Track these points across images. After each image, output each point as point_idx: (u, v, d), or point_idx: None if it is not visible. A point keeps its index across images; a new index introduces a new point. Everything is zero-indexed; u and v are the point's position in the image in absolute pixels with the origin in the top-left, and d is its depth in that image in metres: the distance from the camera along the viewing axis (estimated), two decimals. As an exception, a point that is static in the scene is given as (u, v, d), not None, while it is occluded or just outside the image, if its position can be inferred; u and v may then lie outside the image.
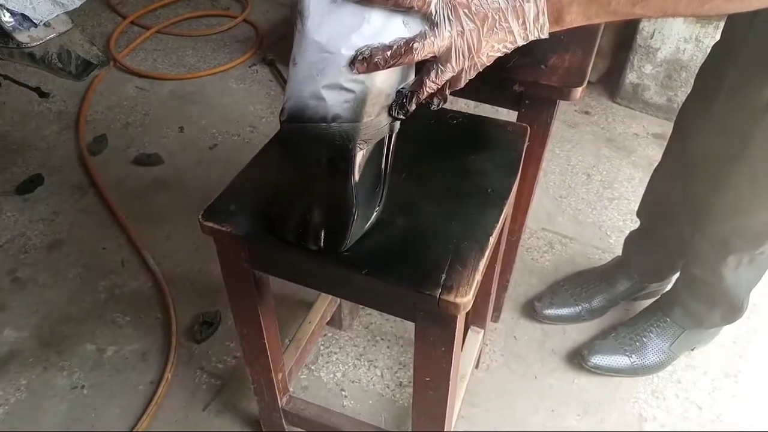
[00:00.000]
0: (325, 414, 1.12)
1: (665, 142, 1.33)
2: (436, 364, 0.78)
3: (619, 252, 1.51)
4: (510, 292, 1.44)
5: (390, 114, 0.64)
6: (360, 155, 0.65)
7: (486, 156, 0.86)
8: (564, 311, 1.45)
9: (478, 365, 1.36)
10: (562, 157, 1.97)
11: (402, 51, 0.58)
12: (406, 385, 1.34)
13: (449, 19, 0.58)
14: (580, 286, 1.47)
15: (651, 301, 1.43)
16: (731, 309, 1.28)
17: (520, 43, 0.61)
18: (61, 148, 1.94)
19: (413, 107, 0.64)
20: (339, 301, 1.33)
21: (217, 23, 2.62)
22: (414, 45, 0.57)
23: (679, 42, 1.98)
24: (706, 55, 1.18)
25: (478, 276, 0.70)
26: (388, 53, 0.57)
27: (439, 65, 0.61)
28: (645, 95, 2.14)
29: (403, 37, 0.58)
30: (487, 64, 0.62)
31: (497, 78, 0.93)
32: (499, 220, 0.77)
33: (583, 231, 1.72)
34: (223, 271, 0.85)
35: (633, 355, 1.34)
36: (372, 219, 0.74)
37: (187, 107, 2.14)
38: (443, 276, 0.68)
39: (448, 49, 0.59)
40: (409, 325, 1.16)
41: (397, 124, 0.67)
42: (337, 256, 0.71)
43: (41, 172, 1.82)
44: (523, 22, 0.59)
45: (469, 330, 1.24)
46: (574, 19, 0.60)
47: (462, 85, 0.65)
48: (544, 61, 0.96)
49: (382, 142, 0.67)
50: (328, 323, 1.36)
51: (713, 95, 1.10)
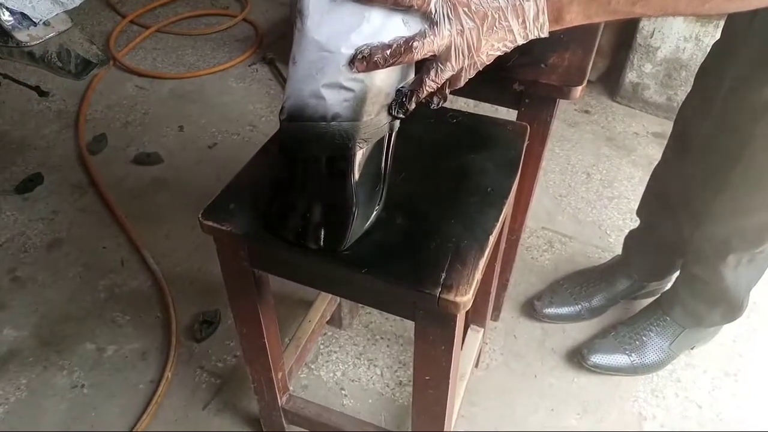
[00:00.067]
0: (325, 413, 1.12)
1: (665, 141, 1.33)
2: (435, 362, 0.78)
3: (618, 251, 1.51)
4: (510, 291, 1.44)
5: (390, 113, 0.64)
6: (360, 154, 0.65)
7: (486, 155, 0.86)
8: (564, 310, 1.45)
9: (477, 364, 1.36)
10: (562, 156, 1.97)
11: (402, 50, 0.57)
12: (406, 384, 1.34)
13: (449, 17, 0.58)
14: (579, 285, 1.47)
15: (651, 300, 1.43)
16: (731, 308, 1.29)
17: (520, 42, 0.61)
18: (61, 147, 1.94)
19: (413, 106, 0.64)
20: (339, 300, 1.34)
21: (216, 22, 2.62)
22: (414, 44, 0.57)
23: (679, 41, 1.98)
24: (706, 54, 1.18)
25: (478, 275, 0.70)
26: (388, 52, 0.57)
27: (439, 64, 0.61)
28: (645, 94, 2.14)
29: (403, 36, 0.58)
30: (487, 63, 0.62)
31: (497, 77, 0.93)
32: (499, 219, 0.77)
33: (582, 230, 1.72)
34: (223, 270, 0.85)
35: (633, 354, 1.34)
36: (372, 218, 0.74)
37: (187, 106, 2.14)
38: (443, 275, 0.68)
39: (448, 48, 0.59)
40: (408, 324, 1.16)
41: (397, 123, 0.67)
42: (337, 255, 0.71)
43: (41, 171, 1.82)
44: (523, 21, 0.59)
45: (469, 329, 1.24)
46: (574, 18, 0.60)
47: (462, 84, 0.65)
48: (544, 60, 0.96)
49: (382, 141, 0.67)
50: (328, 322, 1.36)
51: (713, 94, 1.10)
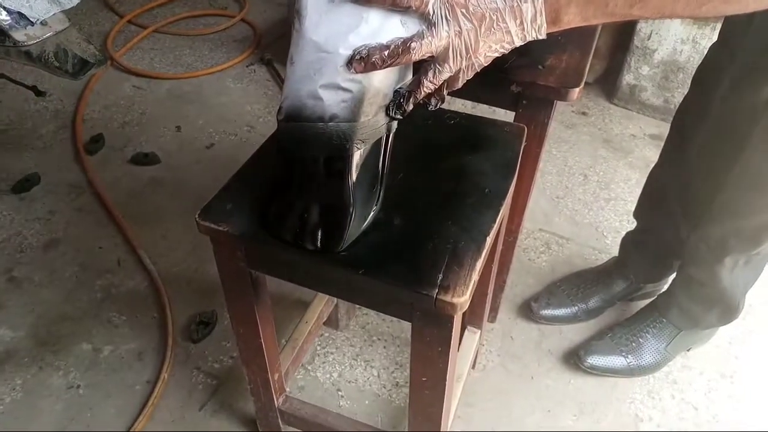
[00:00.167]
0: (321, 414, 1.12)
1: (662, 143, 1.34)
2: (432, 364, 0.78)
3: (615, 252, 1.51)
4: (507, 293, 1.44)
5: (387, 114, 0.64)
6: (357, 155, 0.65)
7: (483, 156, 0.86)
8: (560, 312, 1.45)
9: (474, 365, 1.36)
10: (559, 158, 1.97)
11: (399, 51, 0.57)
12: (403, 385, 1.34)
13: (447, 19, 0.58)
14: (576, 286, 1.47)
15: (647, 301, 1.43)
16: (727, 310, 1.29)
17: (518, 43, 0.61)
18: (58, 147, 1.94)
19: (411, 107, 0.64)
20: (336, 301, 1.33)
21: (214, 22, 2.62)
22: (411, 45, 0.57)
23: (676, 43, 1.99)
24: (703, 56, 1.18)
25: (475, 276, 0.70)
26: (386, 53, 0.57)
27: (437, 65, 0.61)
28: (642, 96, 2.15)
29: (401, 37, 0.58)
30: (485, 65, 0.62)
31: (495, 78, 0.93)
32: (496, 221, 0.77)
33: (579, 231, 1.72)
34: (220, 270, 0.85)
35: (629, 356, 1.34)
36: (369, 219, 0.74)
37: (185, 106, 2.13)
38: (440, 276, 0.68)
39: (446, 49, 0.59)
40: (405, 325, 1.16)
41: (395, 124, 0.67)
42: (334, 256, 0.71)
43: (37, 171, 1.82)
44: (521, 23, 0.59)
45: (466, 330, 1.24)
46: (572, 19, 0.60)
47: (459, 85, 0.65)
48: (541, 62, 0.96)
49: (380, 141, 0.67)
50: (324, 323, 1.36)
51: (710, 96, 1.10)
